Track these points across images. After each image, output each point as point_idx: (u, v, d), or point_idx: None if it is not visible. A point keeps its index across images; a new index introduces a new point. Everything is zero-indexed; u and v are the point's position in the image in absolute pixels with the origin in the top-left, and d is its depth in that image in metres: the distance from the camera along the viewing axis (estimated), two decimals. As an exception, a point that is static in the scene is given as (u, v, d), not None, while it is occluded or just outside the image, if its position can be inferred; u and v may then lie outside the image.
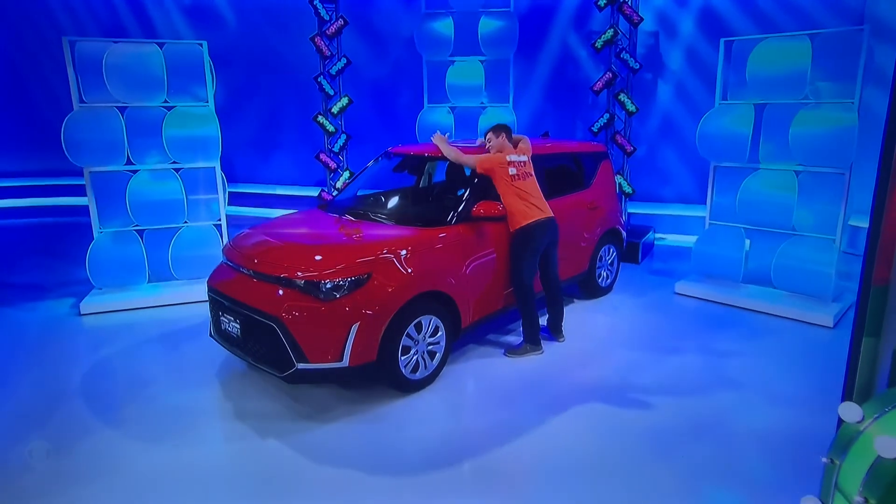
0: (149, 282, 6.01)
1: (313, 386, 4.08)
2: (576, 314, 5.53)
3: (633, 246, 7.18)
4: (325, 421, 3.71)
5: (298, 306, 3.64)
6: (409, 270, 3.90)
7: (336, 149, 8.29)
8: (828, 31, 5.20)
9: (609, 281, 6.10)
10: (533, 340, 4.60)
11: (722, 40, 5.79)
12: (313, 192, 9.31)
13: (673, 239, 8.40)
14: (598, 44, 7.18)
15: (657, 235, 8.29)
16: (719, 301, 5.83)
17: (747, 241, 5.84)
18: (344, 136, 8.29)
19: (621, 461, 3.30)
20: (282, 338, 3.61)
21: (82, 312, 5.58)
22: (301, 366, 3.63)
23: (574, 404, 3.91)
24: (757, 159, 5.64)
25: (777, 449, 3.40)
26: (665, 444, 3.45)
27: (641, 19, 7.01)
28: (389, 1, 9.62)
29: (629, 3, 7.00)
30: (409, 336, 3.91)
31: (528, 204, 4.44)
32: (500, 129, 4.68)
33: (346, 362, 3.64)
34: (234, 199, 9.85)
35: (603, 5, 7.07)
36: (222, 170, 6.14)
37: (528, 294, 4.50)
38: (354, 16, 8.83)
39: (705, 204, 6.14)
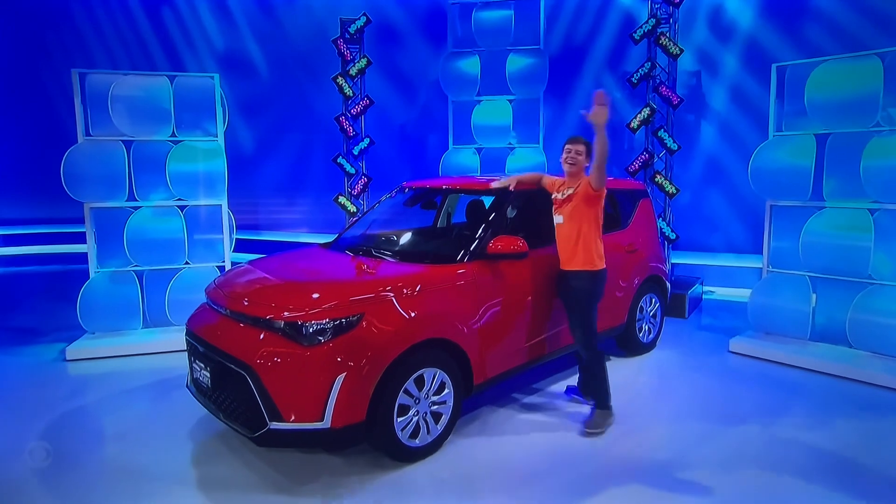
0: (144, 327, 5.60)
1: (299, 450, 3.46)
2: (613, 374, 4.75)
3: (678, 298, 6.43)
4: (300, 495, 3.06)
5: (274, 352, 3.08)
6: (411, 313, 3.32)
7: (356, 192, 7.93)
8: (902, 49, 4.57)
9: (652, 336, 5.35)
10: (608, 405, 3.92)
11: (774, 66, 5.21)
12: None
13: (723, 293, 7.59)
14: (635, 79, 6.70)
15: (705, 288, 7.50)
16: (783, 362, 4.99)
17: (813, 297, 5.04)
18: (364, 179, 7.92)
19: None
20: (253, 390, 3.04)
21: (68, 358, 5.16)
22: (274, 425, 3.03)
23: (611, 486, 3.16)
24: (821, 196, 4.93)
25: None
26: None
27: (682, 51, 6.53)
28: (415, 41, 9.50)
29: (667, 33, 6.54)
30: (407, 393, 3.28)
31: None
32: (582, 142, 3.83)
33: (327, 423, 3.02)
34: (254, 246, 9.59)
35: (638, 38, 6.63)
36: (241, 215, 5.80)
37: (600, 350, 3.91)
38: (379, 56, 8.68)
39: (758, 253, 5.44)
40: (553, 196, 3.92)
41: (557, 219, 3.86)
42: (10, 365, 5.10)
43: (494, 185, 4.16)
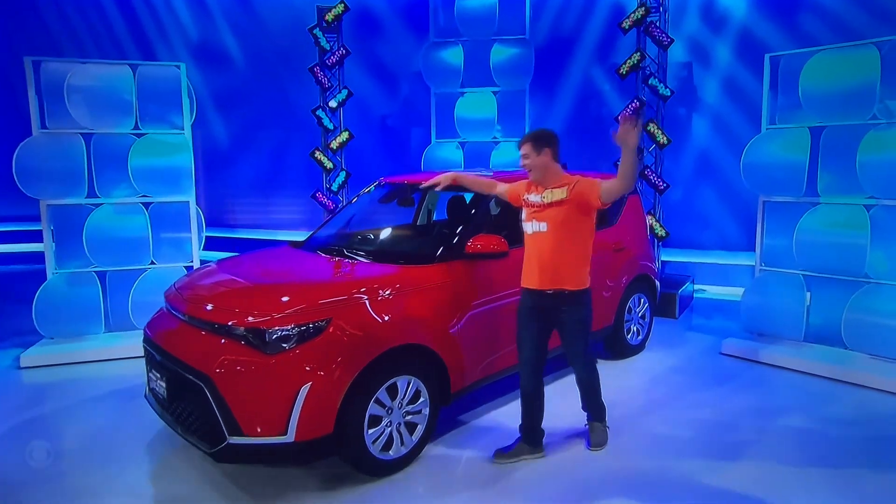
0: (106, 331, 5.41)
1: (263, 465, 3.30)
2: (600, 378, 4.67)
3: (668, 298, 6.34)
4: (262, 514, 2.92)
5: (234, 361, 2.92)
6: (384, 318, 3.18)
7: (335, 187, 7.76)
8: (900, 38, 4.49)
9: (640, 338, 5.25)
10: (605, 417, 3.64)
11: (767, 56, 5.12)
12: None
13: (715, 291, 7.53)
14: (624, 70, 6.59)
15: (696, 287, 7.43)
16: (776, 364, 4.91)
17: (808, 295, 4.96)
18: (343, 174, 7.76)
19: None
20: (211, 402, 2.88)
21: (22, 365, 4.95)
22: (234, 440, 2.87)
23: (598, 499, 3.04)
24: (815, 192, 4.85)
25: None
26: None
27: (672, 41, 6.42)
28: (395, 30, 9.34)
29: (657, 23, 6.43)
30: (379, 402, 3.13)
31: None
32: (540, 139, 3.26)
33: (291, 436, 2.87)
34: (229, 245, 9.40)
35: (627, 27, 6.52)
36: (215, 212, 5.63)
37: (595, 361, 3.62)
38: (359, 48, 8.51)
39: (751, 250, 5.34)
40: (525, 198, 3.35)
41: (536, 226, 3.27)
42: (-40, 373, 4.89)
43: (424, 185, 3.94)
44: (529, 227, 3.31)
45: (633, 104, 6.65)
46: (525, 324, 3.37)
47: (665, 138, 6.53)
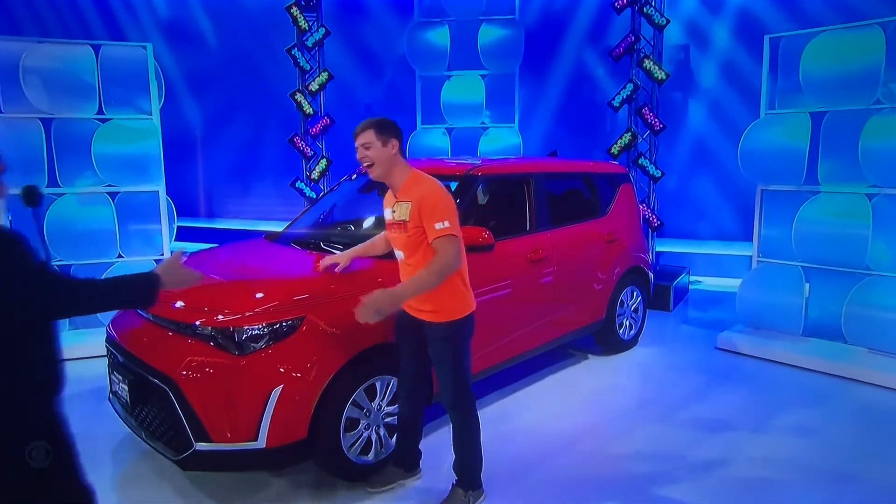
0: (70, 328, 5.28)
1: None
2: (590, 376, 4.65)
3: (663, 290, 6.31)
4: (232, 525, 2.84)
5: (201, 363, 2.83)
6: (361, 315, 3.08)
7: (315, 175, 7.63)
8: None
9: (633, 333, 5.21)
10: (480, 482, 3.01)
11: (767, 37, 5.07)
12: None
13: (711, 283, 7.53)
14: (617, 52, 6.50)
15: (692, 278, 7.41)
16: (774, 359, 4.89)
17: (807, 286, 4.94)
18: (324, 162, 7.63)
19: None
20: (177, 406, 2.79)
21: (-20, 365, 4.82)
22: (201, 446, 2.78)
23: (589, 500, 2.99)
24: (816, 180, 4.81)
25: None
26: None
27: (668, 21, 6.34)
28: (378, 11, 9.17)
29: (652, 2, 6.34)
30: (356, 405, 3.06)
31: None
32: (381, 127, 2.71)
33: (262, 442, 2.79)
34: (207, 235, 9.25)
35: (620, 7, 6.43)
36: (194, 203, 5.50)
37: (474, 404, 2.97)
38: (340, 28, 8.35)
39: (748, 240, 5.30)
40: (385, 212, 2.88)
41: (397, 254, 2.84)
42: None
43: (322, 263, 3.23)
44: (396, 252, 2.85)
45: (628, 88, 6.56)
46: (399, 348, 3.00)
47: (660, 123, 6.47)
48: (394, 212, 2.75)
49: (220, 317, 2.91)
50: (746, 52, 7.64)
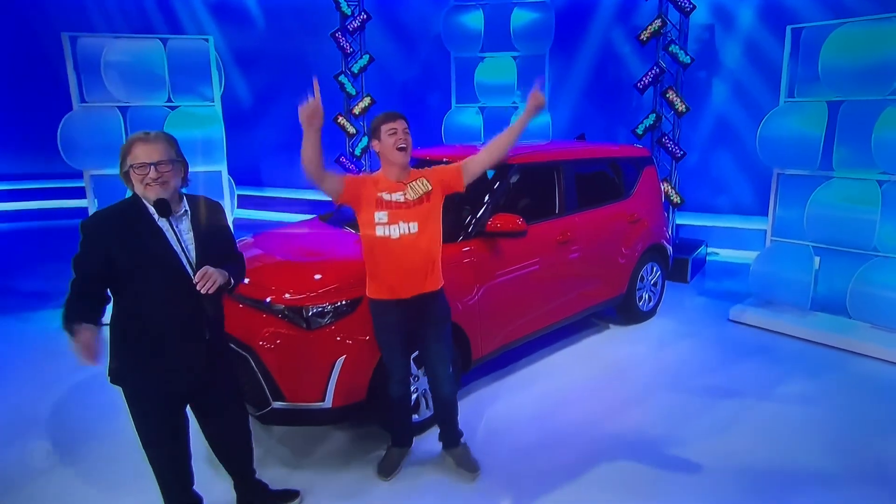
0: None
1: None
2: (610, 344, 4.88)
3: (681, 262, 6.44)
4: (297, 468, 3.22)
5: (276, 334, 3.16)
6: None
7: (358, 152, 7.86)
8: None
9: (651, 304, 5.41)
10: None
11: (789, 28, 5.05)
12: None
13: (728, 254, 7.61)
14: (644, 36, 6.49)
15: (710, 250, 7.51)
16: (782, 332, 5.06)
17: (817, 259, 5.05)
18: (366, 139, 7.84)
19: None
20: (256, 371, 3.14)
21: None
22: (277, 405, 3.14)
23: (603, 462, 3.28)
24: (830, 166, 4.87)
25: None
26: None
27: (694, 7, 6.29)
28: (416, -5, 9.18)
29: (680, -13, 6.29)
30: (406, 371, 3.37)
31: None
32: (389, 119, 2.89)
33: (328, 403, 3.13)
34: (259, 203, 9.62)
35: (649, -8, 6.39)
36: (246, 173, 5.80)
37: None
38: (379, 12, 8.42)
39: (765, 215, 5.38)
40: (379, 196, 2.82)
41: (401, 228, 2.80)
42: (19, 332, 5.23)
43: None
44: (391, 230, 2.81)
45: (653, 71, 6.57)
46: (392, 339, 3.01)
47: (684, 106, 6.49)
48: (407, 193, 2.84)
49: (287, 295, 3.22)
50: (771, 34, 7.49)
